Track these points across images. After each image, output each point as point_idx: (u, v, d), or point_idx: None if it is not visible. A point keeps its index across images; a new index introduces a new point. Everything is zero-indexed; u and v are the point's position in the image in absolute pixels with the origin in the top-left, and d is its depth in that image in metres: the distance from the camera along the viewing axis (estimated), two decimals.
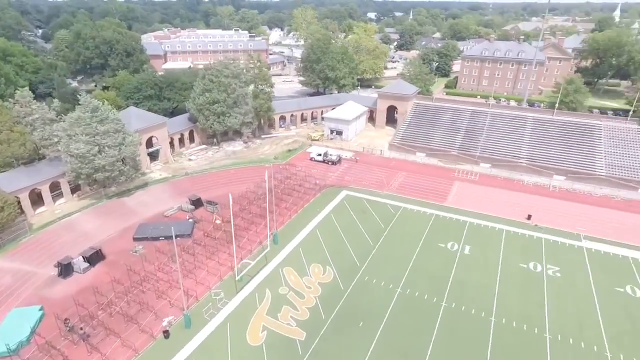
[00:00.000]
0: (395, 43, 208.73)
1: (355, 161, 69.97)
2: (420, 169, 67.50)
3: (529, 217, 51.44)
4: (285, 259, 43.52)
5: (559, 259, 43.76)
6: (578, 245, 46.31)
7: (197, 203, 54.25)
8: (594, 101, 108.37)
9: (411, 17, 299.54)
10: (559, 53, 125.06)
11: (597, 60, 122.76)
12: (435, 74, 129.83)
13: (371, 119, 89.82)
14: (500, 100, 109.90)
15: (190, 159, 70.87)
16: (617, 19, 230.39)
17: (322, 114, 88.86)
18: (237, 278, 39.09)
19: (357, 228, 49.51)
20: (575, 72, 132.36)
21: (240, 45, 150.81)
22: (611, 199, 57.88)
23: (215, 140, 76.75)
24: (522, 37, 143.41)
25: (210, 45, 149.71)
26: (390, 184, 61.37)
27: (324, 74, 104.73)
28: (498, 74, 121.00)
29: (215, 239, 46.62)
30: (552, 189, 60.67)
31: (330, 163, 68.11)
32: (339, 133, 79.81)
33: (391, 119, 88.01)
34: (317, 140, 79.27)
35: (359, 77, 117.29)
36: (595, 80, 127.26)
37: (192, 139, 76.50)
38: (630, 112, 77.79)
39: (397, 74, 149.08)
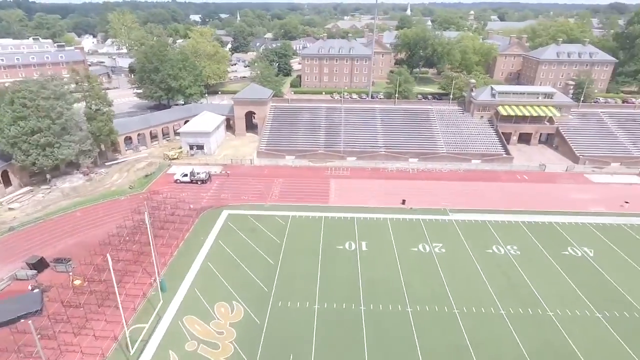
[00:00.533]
0: (229, 45, 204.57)
1: (227, 175, 65.09)
2: (294, 172, 66.89)
3: (404, 202, 55.95)
4: (181, 307, 37.08)
5: (439, 235, 48.58)
6: (448, 219, 52.30)
7: (39, 265, 42.05)
8: (416, 88, 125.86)
9: (238, 18, 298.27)
10: (381, 48, 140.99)
11: (409, 52, 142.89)
12: (277, 75, 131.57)
13: (229, 127, 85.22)
14: (342, 95, 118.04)
15: (10, 208, 55.01)
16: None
17: (174, 129, 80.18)
18: (131, 352, 31.38)
19: (251, 249, 45.73)
20: (395, 64, 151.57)
21: (47, 57, 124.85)
22: (456, 172, 67.58)
23: (45, 178, 61.41)
24: (350, 34, 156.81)
25: (2, 59, 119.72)
26: (270, 193, 58.91)
27: (166, 84, 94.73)
28: (336, 70, 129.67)
29: (80, 306, 36.73)
30: (411, 171, 67.55)
31: (199, 182, 61.67)
32: (200, 147, 73.20)
33: (250, 125, 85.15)
34: (177, 158, 71.09)
35: (203, 84, 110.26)
36: (411, 69, 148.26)
37: (6, 182, 59.38)
38: (450, 96, 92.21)
39: (241, 77, 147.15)
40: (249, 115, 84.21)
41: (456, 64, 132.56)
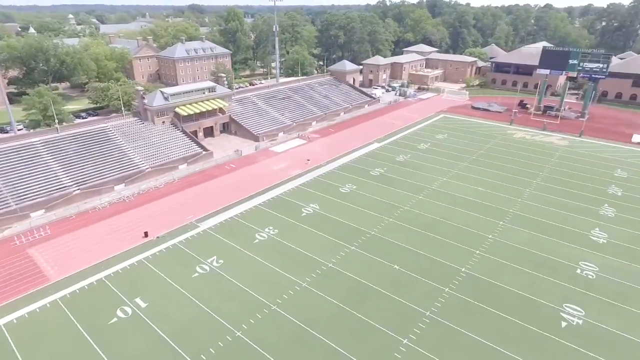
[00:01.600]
0: None
1: None
2: None
3: (146, 234, 48.96)
4: None
5: (207, 251, 46.41)
6: (200, 231, 50.40)
7: None
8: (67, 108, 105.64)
9: None
10: None
11: (25, 68, 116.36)
12: None
13: None
14: None
15: None
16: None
17: None
18: None
19: None
20: (9, 84, 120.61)
21: None
22: (172, 183, 64.46)
23: None
24: None
25: None
26: None
27: None
28: None
29: None
30: (127, 199, 58.86)
31: None
32: None
33: None
34: None
35: None
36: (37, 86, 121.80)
37: None
38: (123, 109, 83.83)
39: None
40: None
41: (93, 73, 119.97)
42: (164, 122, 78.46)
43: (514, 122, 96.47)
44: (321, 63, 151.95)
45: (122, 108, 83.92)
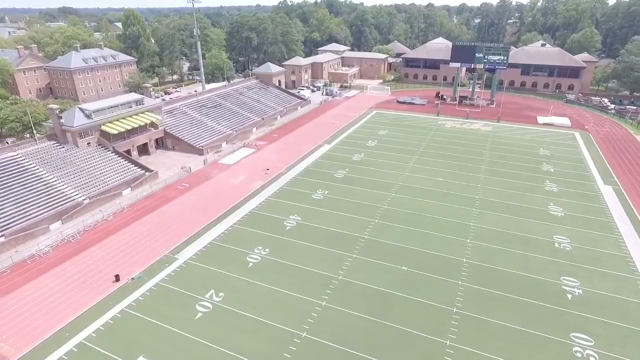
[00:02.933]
0: None
1: None
2: None
3: (117, 278, 41.50)
4: None
5: (208, 283, 41.04)
6: (182, 263, 44.45)
7: None
8: None
9: None
10: None
11: None
12: None
13: None
14: None
15: None
16: None
17: None
18: None
19: None
20: None
21: None
22: (122, 213, 55.81)
23: None
24: None
25: None
26: None
27: None
28: None
29: None
30: (72, 240, 49.23)
31: None
32: None
33: None
34: None
35: None
36: None
37: None
38: (34, 132, 70.16)
39: None
40: None
41: None
42: (89, 143, 67.64)
43: (440, 113, 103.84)
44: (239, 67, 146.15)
45: (34, 131, 70.17)
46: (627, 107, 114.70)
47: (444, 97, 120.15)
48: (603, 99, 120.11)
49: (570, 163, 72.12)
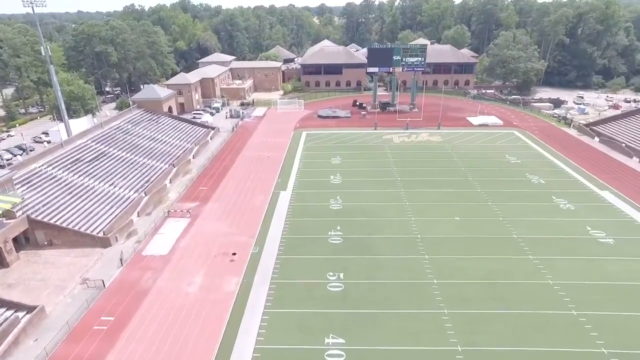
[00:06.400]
0: None
1: None
2: None
3: None
4: None
5: None
6: None
7: None
8: None
9: None
10: None
11: None
12: None
13: None
14: None
15: None
16: None
17: None
18: None
19: None
20: None
21: None
22: None
23: None
24: None
25: None
26: None
27: None
28: None
29: None
30: None
31: None
32: None
33: None
34: None
35: None
36: None
37: None
38: None
39: None
40: None
41: None
42: None
43: (377, 126, 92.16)
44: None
45: None
46: (514, 96, 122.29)
47: (364, 105, 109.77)
48: (495, 92, 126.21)
49: (548, 169, 67.59)
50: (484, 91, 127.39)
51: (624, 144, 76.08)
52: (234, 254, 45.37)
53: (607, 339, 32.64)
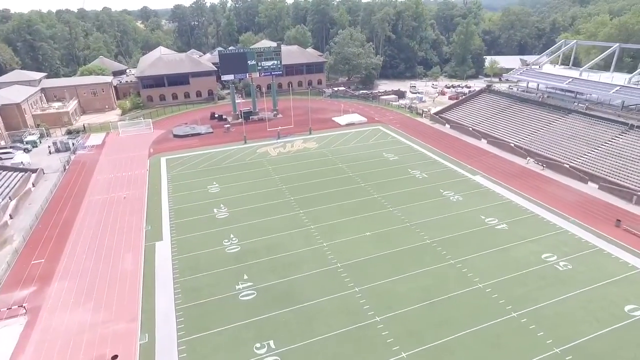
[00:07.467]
0: None
1: None
2: None
3: None
4: None
5: None
6: None
7: None
8: None
9: None
10: None
11: None
12: None
13: None
14: None
15: None
16: None
17: None
18: None
19: None
20: None
21: None
22: None
23: None
24: None
25: None
26: None
27: None
28: None
29: None
30: None
31: None
32: None
33: None
34: None
35: None
36: None
37: None
38: None
39: None
40: None
41: None
42: None
43: (246, 139, 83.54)
44: None
45: None
46: (362, 91, 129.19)
47: (224, 116, 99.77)
48: (346, 89, 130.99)
49: (423, 162, 70.14)
50: (336, 89, 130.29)
51: (470, 128, 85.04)
52: (115, 356, 32.14)
53: (551, 334, 32.52)
